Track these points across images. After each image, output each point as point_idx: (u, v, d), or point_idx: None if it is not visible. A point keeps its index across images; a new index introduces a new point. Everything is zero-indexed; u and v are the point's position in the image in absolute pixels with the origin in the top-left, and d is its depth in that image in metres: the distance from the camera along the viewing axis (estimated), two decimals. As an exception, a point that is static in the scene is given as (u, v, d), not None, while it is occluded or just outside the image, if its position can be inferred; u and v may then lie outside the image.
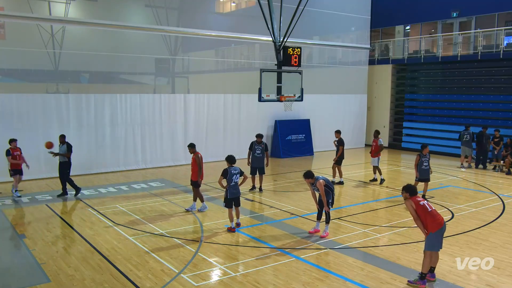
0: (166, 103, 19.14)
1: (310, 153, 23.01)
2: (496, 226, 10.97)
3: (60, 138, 13.76)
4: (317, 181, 9.79)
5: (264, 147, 14.36)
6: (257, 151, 14.30)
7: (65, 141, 13.69)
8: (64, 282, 7.68)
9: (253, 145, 14.43)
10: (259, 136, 14.49)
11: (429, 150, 13.13)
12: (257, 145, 14.35)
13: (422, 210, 7.55)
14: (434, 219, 7.53)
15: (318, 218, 10.28)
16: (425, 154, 12.93)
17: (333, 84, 24.77)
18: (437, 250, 7.63)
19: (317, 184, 9.78)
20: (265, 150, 14.40)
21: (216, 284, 7.70)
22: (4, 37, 16.40)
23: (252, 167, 14.42)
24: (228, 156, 10.52)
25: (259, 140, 14.38)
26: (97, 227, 10.80)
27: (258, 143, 14.36)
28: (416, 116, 25.56)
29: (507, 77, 21.24)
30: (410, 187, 7.80)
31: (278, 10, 14.45)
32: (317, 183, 9.77)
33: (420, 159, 12.88)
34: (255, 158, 14.37)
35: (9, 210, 12.22)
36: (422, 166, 12.89)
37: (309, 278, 7.83)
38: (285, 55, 13.93)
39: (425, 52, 24.05)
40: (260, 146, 14.32)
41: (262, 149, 14.31)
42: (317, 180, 9.82)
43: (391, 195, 14.05)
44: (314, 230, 10.29)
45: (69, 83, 18.48)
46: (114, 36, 18.69)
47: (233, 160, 10.43)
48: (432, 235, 7.53)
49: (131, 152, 18.43)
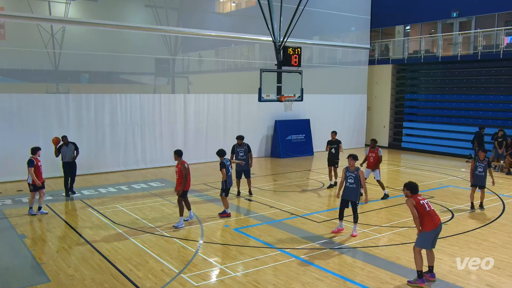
0: (166, 103, 19.13)
1: (310, 153, 23.00)
2: (496, 226, 10.97)
3: (64, 139, 13.72)
4: (359, 170, 9.93)
5: (246, 149, 13.74)
6: (240, 153, 13.64)
7: (68, 142, 13.75)
8: (64, 282, 7.68)
9: (235, 148, 13.77)
10: (239, 138, 13.82)
11: (485, 156, 12.37)
12: (239, 147, 13.72)
13: (421, 208, 7.58)
14: (432, 219, 7.60)
15: (340, 217, 10.31)
16: (481, 159, 12.28)
17: (333, 84, 24.77)
18: (426, 248, 7.70)
19: (359, 172, 9.89)
20: (248, 151, 13.76)
21: (216, 284, 7.70)
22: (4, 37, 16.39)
23: (237, 171, 13.70)
24: (219, 150, 11.57)
25: (240, 142, 13.75)
26: (97, 227, 10.80)
27: (239, 145, 13.74)
28: (416, 116, 25.55)
29: (507, 77, 21.23)
30: (411, 184, 7.81)
31: (278, 10, 14.43)
32: (360, 171, 9.90)
33: (475, 164, 12.39)
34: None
35: (9, 210, 12.21)
36: (476, 171, 12.35)
37: (309, 278, 7.84)
38: (285, 55, 13.92)
39: (425, 52, 24.04)
40: (242, 148, 13.71)
41: (245, 151, 13.68)
42: (358, 168, 9.96)
43: (391, 195, 14.05)
44: (338, 230, 10.32)
45: (69, 83, 18.48)
46: (114, 36, 18.69)
47: (224, 153, 11.49)
48: (425, 234, 7.60)
49: (131, 152, 18.43)
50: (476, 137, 19.20)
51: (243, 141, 13.85)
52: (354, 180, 9.90)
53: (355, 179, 9.89)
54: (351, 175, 9.95)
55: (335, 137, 15.28)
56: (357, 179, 9.89)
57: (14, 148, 15.55)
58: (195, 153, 19.89)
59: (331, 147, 15.16)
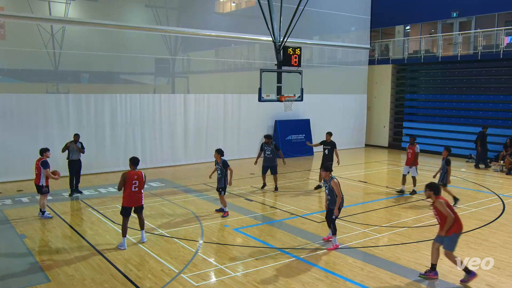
0: (166, 103, 19.13)
1: (310, 153, 23.00)
2: (496, 226, 10.97)
3: (75, 137, 13.98)
4: (332, 180, 9.25)
5: (273, 147, 14.62)
6: (267, 151, 14.62)
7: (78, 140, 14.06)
8: (64, 282, 7.68)
9: (262, 146, 14.80)
10: (267, 137, 14.81)
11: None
12: (266, 146, 14.65)
13: (451, 209, 7.60)
14: (459, 220, 7.65)
15: (329, 225, 9.68)
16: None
17: (333, 84, 24.77)
18: (453, 250, 7.70)
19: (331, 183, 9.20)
20: (277, 149, 14.67)
21: (216, 284, 7.70)
22: (4, 37, 16.39)
23: (263, 166, 14.78)
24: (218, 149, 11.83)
25: (268, 141, 14.66)
26: (97, 227, 10.81)
27: (267, 143, 14.64)
28: (416, 116, 25.55)
29: (507, 77, 21.23)
30: (434, 185, 7.81)
31: (278, 10, 14.44)
32: (332, 182, 9.22)
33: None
34: (266, 158, 14.68)
35: (9, 210, 12.21)
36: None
37: (309, 278, 7.83)
38: (285, 55, 13.92)
39: (425, 52, 24.04)
40: (269, 147, 14.60)
41: (272, 150, 14.57)
42: (332, 179, 9.27)
43: (391, 195, 14.05)
44: (328, 237, 9.80)
45: (69, 83, 18.48)
46: (114, 36, 18.69)
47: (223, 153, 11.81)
48: (455, 236, 7.60)
49: (131, 152, 18.32)
50: (479, 137, 19.15)
51: (271, 140, 14.80)
52: (328, 191, 9.34)
53: (329, 190, 9.31)
54: (326, 185, 9.44)
55: (330, 139, 14.74)
56: (330, 190, 9.23)
57: (14, 148, 15.56)
58: (195, 153, 19.89)
59: (324, 147, 14.78)
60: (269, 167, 14.70)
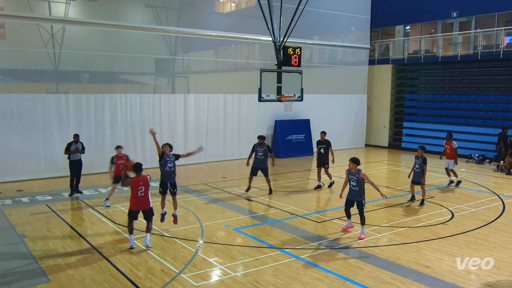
0: (166, 103, 19.11)
1: (310, 153, 22.99)
2: (496, 226, 10.97)
3: (75, 137, 13.93)
4: (361, 172, 9.88)
5: (266, 149, 14.11)
6: (259, 153, 14.09)
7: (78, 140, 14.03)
8: (64, 282, 7.68)
9: (255, 147, 14.21)
10: (261, 138, 14.24)
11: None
12: (259, 147, 14.14)
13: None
14: None
15: (348, 216, 10.33)
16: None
17: (333, 84, 24.76)
18: None
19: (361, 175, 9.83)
20: (269, 151, 14.16)
21: (216, 284, 7.70)
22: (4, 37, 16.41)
23: (253, 167, 14.19)
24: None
25: (261, 142, 14.15)
26: (97, 227, 10.80)
27: (260, 144, 14.14)
28: (416, 116, 25.55)
29: (507, 77, 21.23)
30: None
31: (278, 10, 14.44)
32: (361, 174, 9.87)
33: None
34: (257, 160, 14.19)
35: (9, 210, 12.21)
36: None
37: (309, 278, 7.83)
38: (285, 55, 13.93)
39: (425, 52, 24.04)
40: (262, 148, 14.09)
41: (264, 151, 14.06)
42: (360, 170, 9.91)
43: (391, 195, 14.05)
44: (347, 227, 10.39)
45: (69, 83, 18.50)
46: (114, 36, 18.70)
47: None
48: None
49: (131, 152, 18.29)
50: (502, 138, 18.91)
51: (264, 141, 14.26)
52: (356, 183, 9.88)
53: (357, 182, 9.86)
54: (353, 177, 9.95)
55: (324, 137, 14.84)
56: (359, 182, 9.84)
57: (14, 148, 15.55)
58: (195, 153, 19.88)
59: (320, 147, 14.83)
60: (260, 169, 14.13)
